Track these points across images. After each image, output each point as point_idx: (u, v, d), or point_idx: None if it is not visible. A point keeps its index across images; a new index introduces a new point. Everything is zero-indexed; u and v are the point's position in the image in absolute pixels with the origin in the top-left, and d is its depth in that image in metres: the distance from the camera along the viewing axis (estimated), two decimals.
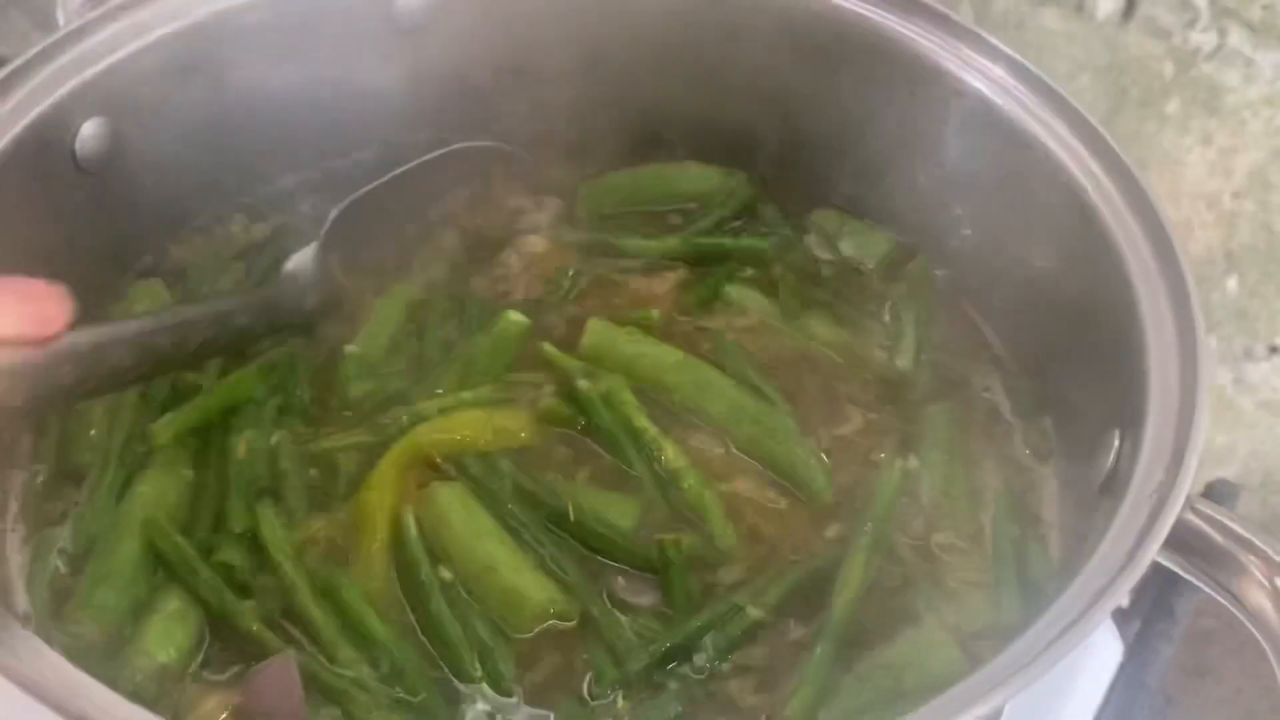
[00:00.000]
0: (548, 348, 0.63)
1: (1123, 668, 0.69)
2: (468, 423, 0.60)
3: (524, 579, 0.55)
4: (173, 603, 0.54)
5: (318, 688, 0.51)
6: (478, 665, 0.53)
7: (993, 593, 0.56)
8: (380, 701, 0.51)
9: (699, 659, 0.53)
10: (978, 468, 0.61)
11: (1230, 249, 0.88)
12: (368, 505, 0.57)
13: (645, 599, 0.56)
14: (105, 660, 0.51)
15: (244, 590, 0.54)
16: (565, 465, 0.60)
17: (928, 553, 0.57)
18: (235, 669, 0.53)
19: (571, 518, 0.57)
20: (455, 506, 0.57)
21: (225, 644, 0.53)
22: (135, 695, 0.42)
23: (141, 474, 0.58)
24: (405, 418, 0.60)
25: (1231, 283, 0.89)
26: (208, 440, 0.59)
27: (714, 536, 0.57)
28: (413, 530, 0.56)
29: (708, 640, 0.53)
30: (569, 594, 0.55)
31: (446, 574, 0.55)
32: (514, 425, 0.61)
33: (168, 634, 0.53)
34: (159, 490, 0.57)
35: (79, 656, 0.50)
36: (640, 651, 0.53)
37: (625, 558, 0.57)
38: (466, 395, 0.61)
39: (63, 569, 0.56)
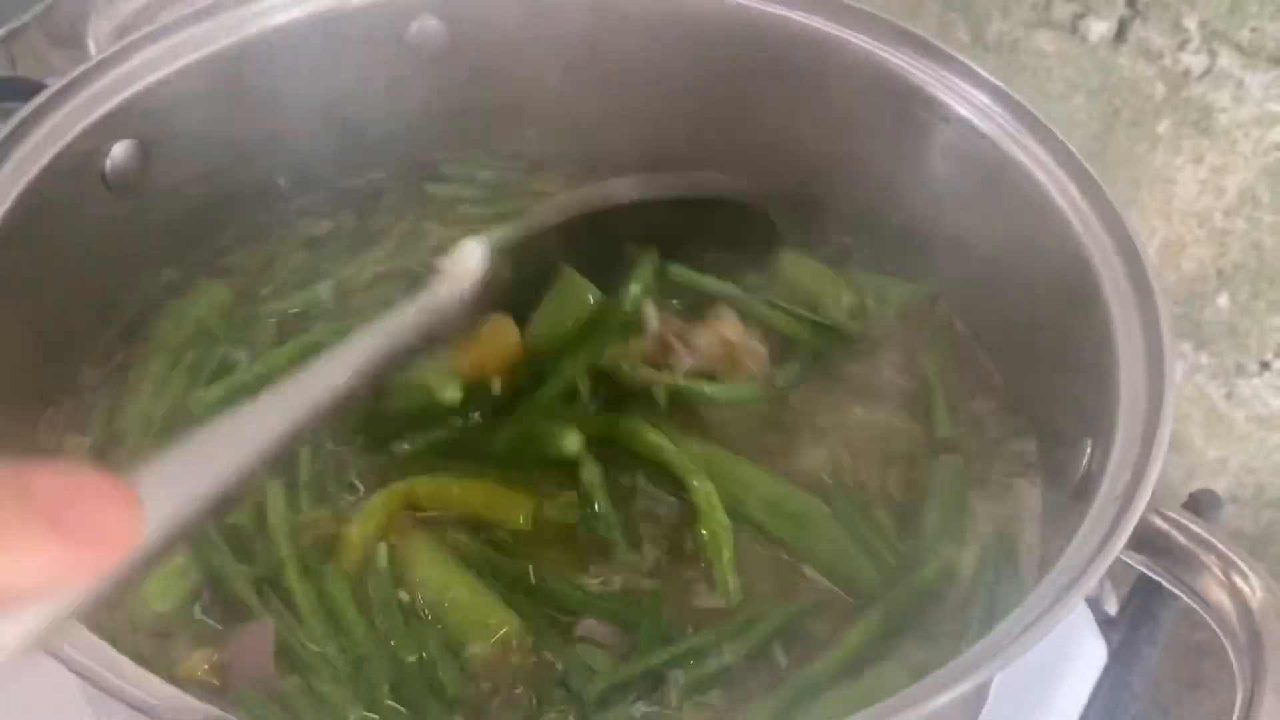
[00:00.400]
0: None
1: (1107, 670, 0.73)
2: (471, 490, 0.62)
3: (481, 600, 0.58)
4: (177, 559, 0.58)
5: (288, 657, 0.55)
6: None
7: (958, 640, 0.57)
8: (340, 677, 0.55)
9: (668, 693, 0.56)
10: (973, 515, 0.63)
11: (1221, 266, 0.91)
12: (351, 536, 0.60)
13: (604, 634, 0.58)
14: (111, 608, 0.55)
15: (243, 555, 0.58)
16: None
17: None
18: (221, 627, 0.57)
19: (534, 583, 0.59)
20: (427, 550, 0.60)
21: (216, 601, 0.57)
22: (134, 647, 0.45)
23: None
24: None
25: (1223, 300, 0.92)
26: None
27: (721, 590, 0.59)
28: (383, 562, 0.59)
29: (677, 675, 0.56)
30: (525, 621, 0.57)
31: (405, 596, 0.58)
32: (513, 510, 0.62)
33: (167, 588, 0.57)
34: None
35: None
36: (600, 680, 0.55)
37: (594, 613, 0.59)
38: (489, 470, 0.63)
39: None
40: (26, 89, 0.82)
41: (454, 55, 0.71)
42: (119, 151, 0.61)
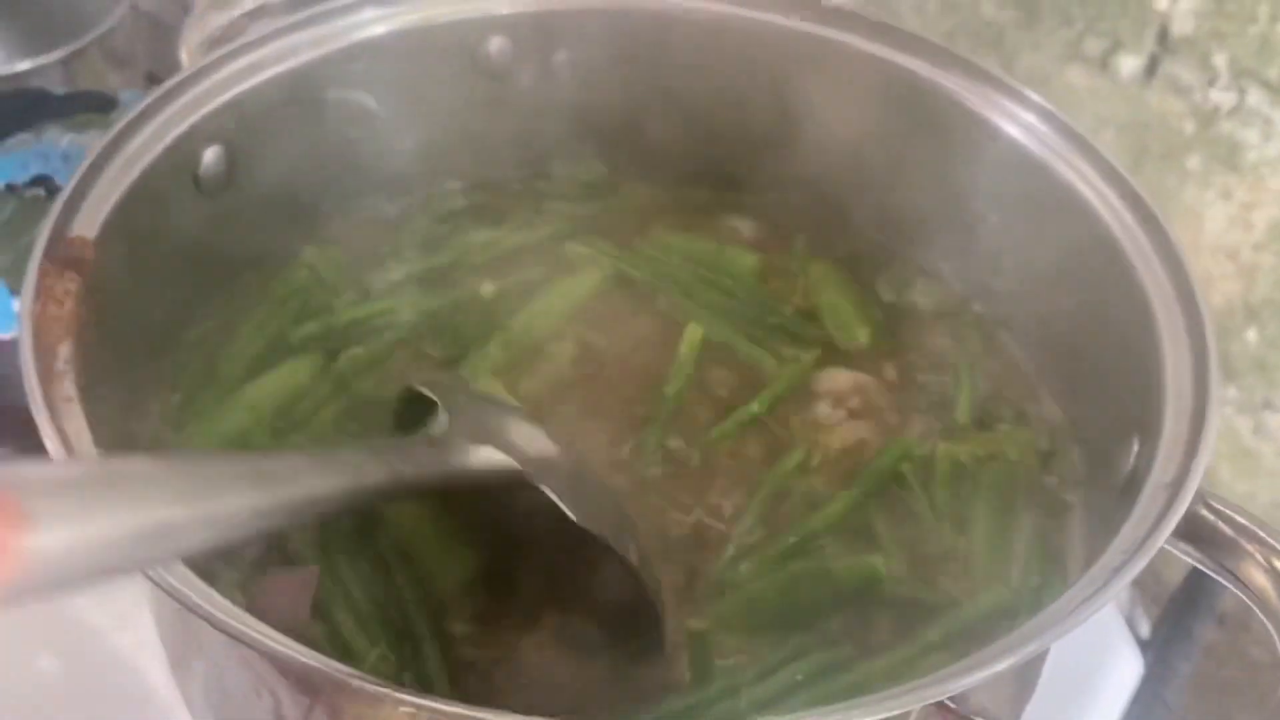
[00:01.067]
0: None
1: (1144, 683, 0.77)
2: None
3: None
4: None
5: (319, 607, 0.58)
6: None
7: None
8: (363, 619, 0.58)
9: None
10: (1015, 518, 0.66)
11: (1250, 301, 0.93)
12: None
13: None
14: None
15: None
16: None
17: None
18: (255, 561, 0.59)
19: None
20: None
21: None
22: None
23: (267, 373, 0.68)
24: None
25: (1251, 334, 0.94)
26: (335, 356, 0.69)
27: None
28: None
29: None
30: None
31: None
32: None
33: None
34: (275, 386, 0.67)
35: None
36: None
37: None
38: None
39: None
40: (99, 102, 0.88)
41: (521, 70, 0.77)
42: (209, 156, 0.66)
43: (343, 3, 0.71)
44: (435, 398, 0.57)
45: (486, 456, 0.54)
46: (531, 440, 0.57)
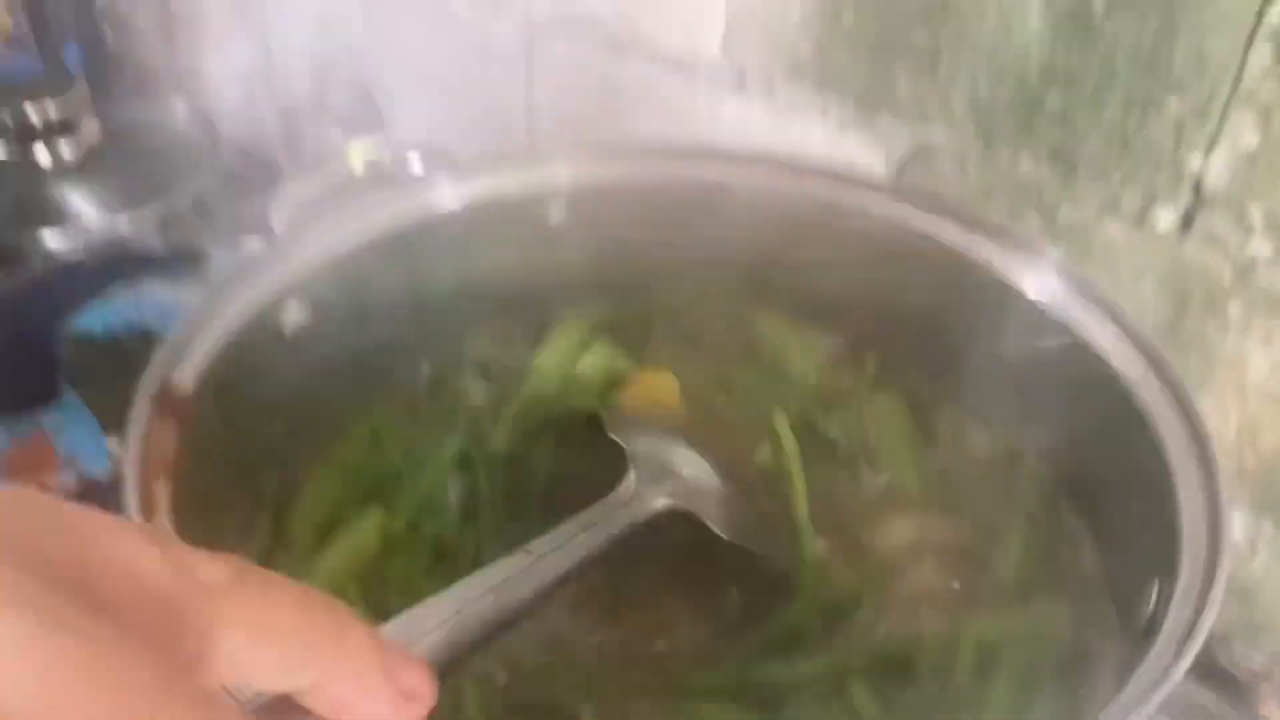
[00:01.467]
0: None
1: None
2: None
3: None
4: None
5: None
6: None
7: None
8: None
9: None
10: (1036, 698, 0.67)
11: None
12: None
13: None
14: None
15: None
16: None
17: None
18: None
19: None
20: None
21: None
22: None
23: (339, 537, 0.71)
24: None
25: None
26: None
27: None
28: None
29: None
30: None
31: None
32: None
33: None
34: (349, 554, 0.71)
35: None
36: None
37: None
38: None
39: None
40: (192, 258, 0.96)
41: (580, 229, 0.84)
42: (295, 315, 0.73)
43: (421, 178, 0.78)
44: (623, 445, 0.63)
45: (662, 503, 0.60)
46: (694, 470, 0.64)
